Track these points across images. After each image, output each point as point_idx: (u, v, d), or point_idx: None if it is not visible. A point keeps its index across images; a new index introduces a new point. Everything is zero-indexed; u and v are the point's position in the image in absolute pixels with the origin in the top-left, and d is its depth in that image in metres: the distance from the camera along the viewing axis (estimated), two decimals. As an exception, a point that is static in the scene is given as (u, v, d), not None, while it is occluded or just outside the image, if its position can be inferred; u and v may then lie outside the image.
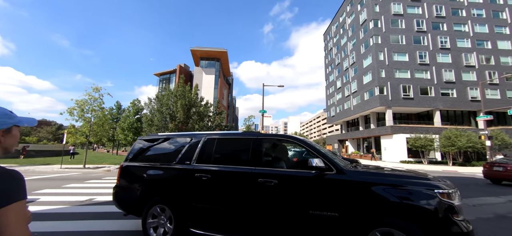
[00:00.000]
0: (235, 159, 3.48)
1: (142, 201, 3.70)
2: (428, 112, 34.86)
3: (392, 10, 35.59)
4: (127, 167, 4.10)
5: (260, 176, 3.02)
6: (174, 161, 3.70)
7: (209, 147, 3.60)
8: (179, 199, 3.45)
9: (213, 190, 3.29)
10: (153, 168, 3.85)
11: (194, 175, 3.39)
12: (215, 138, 3.66)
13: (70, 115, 15.32)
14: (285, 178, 2.98)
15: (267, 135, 3.54)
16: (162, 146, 4.15)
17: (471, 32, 35.42)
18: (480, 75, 33.49)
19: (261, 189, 2.99)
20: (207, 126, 24.34)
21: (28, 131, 57.92)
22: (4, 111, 1.04)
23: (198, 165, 3.48)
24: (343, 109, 44.74)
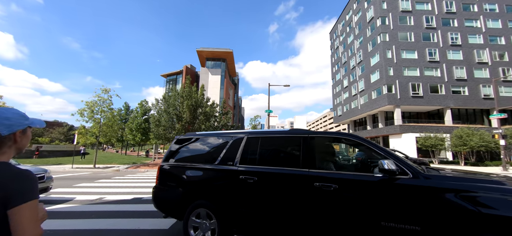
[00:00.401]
0: (283, 160, 3.20)
1: (182, 204, 3.53)
2: (438, 110, 34.00)
3: (400, 7, 34.87)
4: (165, 168, 3.96)
5: (316, 180, 2.71)
6: (215, 162, 3.49)
7: (252, 147, 3.35)
8: (223, 203, 3.22)
9: (261, 195, 3.01)
10: (193, 168, 3.67)
11: (239, 177, 3.14)
12: (258, 137, 3.41)
13: (81, 116, 15.73)
14: (348, 183, 2.62)
15: (320, 133, 3.21)
16: (201, 146, 3.96)
17: (483, 27, 34.31)
18: (493, 72, 32.41)
19: (318, 195, 2.67)
20: (213, 126, 24.49)
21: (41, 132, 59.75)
22: (20, 113, 1.10)
23: (243, 167, 3.23)
24: (350, 108, 44.16)
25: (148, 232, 4.17)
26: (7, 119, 1.02)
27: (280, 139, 3.41)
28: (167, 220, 4.74)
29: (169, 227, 4.40)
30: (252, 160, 3.24)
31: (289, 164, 3.03)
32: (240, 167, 3.23)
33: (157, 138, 23.21)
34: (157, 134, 22.18)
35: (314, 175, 2.75)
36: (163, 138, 22.48)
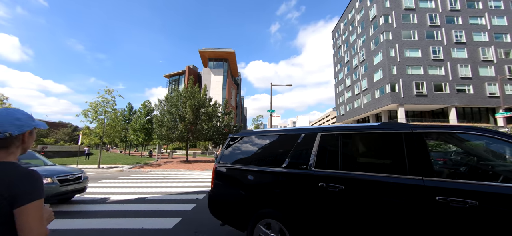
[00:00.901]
0: (378, 164, 2.49)
1: (245, 212, 3.08)
2: (443, 109, 33.66)
3: (404, 5, 34.58)
4: (222, 170, 3.57)
5: (439, 192, 1.93)
6: (283, 164, 2.93)
7: (331, 146, 2.73)
8: (296, 214, 2.66)
9: (352, 209, 2.32)
10: (256, 172, 3.17)
11: (317, 185, 2.53)
12: (337, 134, 2.73)
13: (85, 117, 15.87)
14: (495, 198, 1.77)
15: (430, 127, 2.42)
16: (261, 145, 3.45)
17: (488, 25, 33.87)
18: (498, 70, 31.98)
19: (446, 214, 1.88)
20: (216, 126, 24.55)
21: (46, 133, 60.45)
22: (28, 114, 1.13)
23: (321, 171, 2.61)
24: (353, 107, 43.94)
25: (152, 232, 4.19)
26: (18, 120, 1.06)
27: (370, 136, 2.62)
28: (171, 220, 4.76)
29: (172, 227, 4.42)
30: (333, 163, 2.61)
31: (387, 169, 2.32)
32: (317, 171, 2.63)
33: (160, 139, 23.32)
34: (160, 135, 22.29)
35: (435, 187, 1.98)
36: (166, 138, 22.58)
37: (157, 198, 6.95)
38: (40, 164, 6.71)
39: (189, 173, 13.74)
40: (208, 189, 8.42)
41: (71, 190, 5.97)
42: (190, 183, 9.87)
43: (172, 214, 5.24)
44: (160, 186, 9.06)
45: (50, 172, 5.82)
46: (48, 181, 5.49)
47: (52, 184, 5.51)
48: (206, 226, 4.50)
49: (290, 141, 3.06)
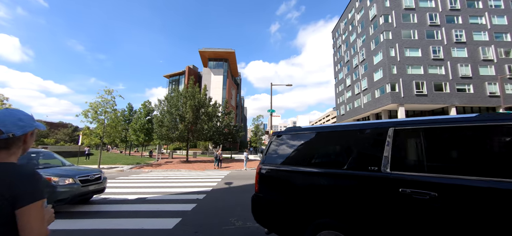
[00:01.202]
0: (483, 165, 1.84)
1: (297, 222, 2.67)
2: (443, 109, 33.63)
3: (404, 4, 34.55)
4: (266, 172, 3.16)
5: None
6: (344, 165, 2.50)
7: (409, 143, 2.28)
8: (365, 228, 2.20)
9: (446, 222, 1.83)
10: (307, 174, 2.77)
11: (398, 191, 2.05)
12: (418, 128, 2.22)
13: (85, 117, 15.88)
14: None
15: None
16: (314, 143, 2.99)
17: (488, 24, 33.84)
18: (499, 69, 31.95)
19: None
20: (216, 127, 24.55)
21: (47, 133, 60.53)
22: (29, 115, 1.14)
23: (402, 174, 2.10)
24: (353, 107, 43.92)
25: (152, 232, 4.19)
26: (20, 120, 1.06)
27: (466, 130, 1.99)
28: (171, 220, 4.77)
29: (172, 227, 4.42)
30: (415, 164, 2.16)
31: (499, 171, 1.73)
32: (395, 174, 2.14)
33: (160, 139, 23.33)
34: (160, 135, 22.30)
35: None
36: (166, 139, 22.59)
37: (157, 198, 6.95)
38: (58, 164, 6.67)
39: (189, 173, 13.75)
40: (208, 189, 8.43)
41: (91, 191, 5.95)
42: (190, 183, 9.88)
43: (172, 214, 5.25)
44: (160, 186, 9.06)
45: (71, 172, 5.78)
46: (70, 182, 5.42)
47: (74, 185, 5.46)
48: (206, 226, 4.50)
49: (352, 138, 2.66)
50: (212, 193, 7.78)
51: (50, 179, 5.13)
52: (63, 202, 5.14)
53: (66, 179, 5.37)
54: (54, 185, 5.09)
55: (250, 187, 8.95)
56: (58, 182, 5.21)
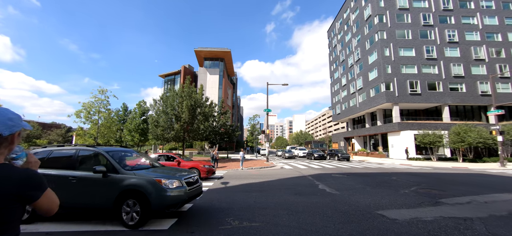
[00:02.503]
0: None
1: None
2: (436, 107, 34.16)
3: (398, 5, 34.95)
4: None
5: None
6: None
7: None
8: None
9: None
10: None
11: None
12: None
13: (78, 117, 15.64)
14: None
15: None
16: None
17: (480, 24, 34.48)
18: (490, 69, 32.60)
19: None
20: (212, 126, 24.44)
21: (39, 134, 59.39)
22: (18, 114, 1.14)
23: None
24: (349, 106, 44.27)
25: (148, 233, 4.15)
26: (10, 120, 1.06)
27: None
28: (167, 221, 4.73)
29: (168, 227, 4.39)
30: None
31: None
32: None
33: (156, 139, 23.11)
34: (155, 135, 22.09)
35: None
36: (162, 139, 22.39)
37: (152, 199, 6.87)
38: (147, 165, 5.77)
39: (185, 173, 13.63)
40: (205, 189, 8.39)
41: (194, 195, 5.28)
42: (186, 183, 9.80)
43: (168, 214, 5.20)
44: (156, 186, 8.96)
45: (176, 174, 5.13)
46: (178, 185, 4.77)
47: (182, 188, 4.81)
48: (202, 226, 4.47)
49: None
50: (209, 193, 7.75)
51: (161, 181, 4.56)
52: (172, 208, 4.57)
53: (173, 181, 4.73)
54: (164, 188, 4.51)
55: (246, 187, 8.93)
56: (168, 185, 4.58)
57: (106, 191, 4.50)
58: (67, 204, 4.56)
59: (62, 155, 5.20)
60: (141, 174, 4.67)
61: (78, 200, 4.64)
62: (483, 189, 8.54)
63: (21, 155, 1.18)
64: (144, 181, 4.47)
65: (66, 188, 4.62)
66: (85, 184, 4.64)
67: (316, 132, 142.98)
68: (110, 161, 4.76)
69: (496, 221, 4.83)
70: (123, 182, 4.47)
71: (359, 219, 4.91)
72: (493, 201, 6.59)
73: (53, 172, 4.79)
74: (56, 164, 5.00)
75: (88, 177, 4.64)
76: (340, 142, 49.88)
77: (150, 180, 4.49)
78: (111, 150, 5.18)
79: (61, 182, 4.67)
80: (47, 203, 1.15)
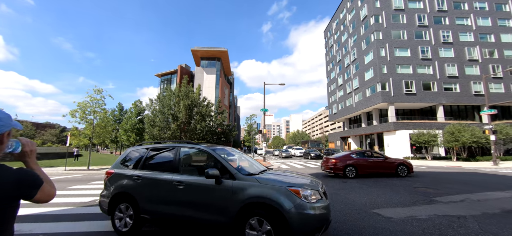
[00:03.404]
0: None
1: None
2: (431, 107, 34.60)
3: (393, 5, 35.29)
4: None
5: None
6: None
7: None
8: None
9: None
10: None
11: None
12: None
13: (72, 117, 15.44)
14: None
15: None
16: None
17: (474, 25, 35.02)
18: (483, 69, 33.14)
19: None
20: (209, 126, 24.37)
21: (33, 134, 58.51)
22: (7, 114, 1.13)
23: None
24: (345, 106, 44.57)
25: (145, 233, 4.12)
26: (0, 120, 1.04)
27: None
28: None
29: (165, 227, 4.35)
30: None
31: None
32: None
33: (152, 139, 22.96)
34: (151, 135, 21.95)
35: None
36: (158, 139, 22.25)
37: (149, 199, 6.83)
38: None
39: (182, 173, 13.57)
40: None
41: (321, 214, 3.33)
42: (183, 183, 9.75)
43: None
44: (152, 187, 8.91)
45: (299, 180, 3.60)
46: (319, 197, 3.35)
47: (322, 201, 3.32)
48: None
49: None
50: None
51: (298, 192, 3.17)
52: (317, 233, 3.10)
53: (311, 191, 3.30)
54: (304, 202, 3.12)
55: (243, 186, 8.90)
56: (309, 198, 3.19)
57: (222, 203, 3.41)
58: (170, 216, 3.72)
59: (161, 154, 4.37)
60: (266, 180, 3.44)
61: (185, 213, 3.63)
62: (476, 187, 8.69)
63: (16, 146, 1.18)
64: (274, 192, 3.20)
65: (171, 196, 3.76)
66: (194, 191, 3.65)
67: (313, 131, 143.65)
68: (222, 162, 3.73)
69: (488, 218, 4.92)
70: (245, 191, 3.30)
71: (355, 217, 4.95)
72: (486, 199, 6.71)
73: (154, 174, 4.03)
74: (156, 165, 4.24)
75: (197, 183, 3.64)
76: (337, 141, 50.20)
77: (283, 190, 3.20)
78: (217, 149, 4.19)
79: (165, 188, 3.82)
80: (43, 197, 1.17)
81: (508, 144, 24.08)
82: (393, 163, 11.61)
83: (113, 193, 4.15)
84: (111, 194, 4.17)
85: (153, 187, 3.92)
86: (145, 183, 3.99)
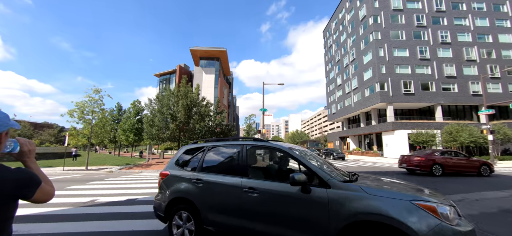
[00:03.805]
0: None
1: None
2: (429, 107, 34.74)
3: (392, 5, 35.39)
4: None
5: None
6: None
7: None
8: None
9: None
10: None
11: None
12: None
13: (71, 117, 15.37)
14: None
15: None
16: None
17: (472, 26, 35.19)
18: (481, 69, 33.31)
19: None
20: (208, 126, 24.35)
21: (31, 134, 58.22)
22: (5, 113, 1.13)
23: None
24: (344, 106, 44.66)
25: (143, 234, 4.11)
26: None
27: None
28: (162, 221, 4.68)
29: (163, 228, 4.35)
30: None
31: None
32: None
33: (151, 139, 22.93)
34: (150, 135, 21.91)
35: None
36: (157, 138, 22.21)
37: (148, 199, 6.82)
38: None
39: (181, 173, 13.54)
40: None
41: None
42: (182, 183, 9.73)
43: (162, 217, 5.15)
44: (151, 186, 8.90)
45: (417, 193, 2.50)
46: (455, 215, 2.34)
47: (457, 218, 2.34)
48: (198, 226, 4.45)
49: None
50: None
51: (434, 210, 2.21)
52: None
53: (446, 207, 2.33)
54: (445, 226, 2.12)
55: (242, 186, 8.90)
56: (450, 220, 2.21)
57: (314, 219, 2.56)
58: (241, 231, 3.01)
59: (223, 153, 3.74)
60: (376, 190, 2.48)
61: (261, 228, 2.86)
62: (474, 187, 8.74)
63: (14, 146, 1.19)
64: (395, 207, 2.24)
65: (241, 206, 3.02)
66: (272, 201, 2.83)
67: (312, 131, 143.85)
68: (308, 165, 2.84)
69: (486, 218, 4.95)
70: (347, 205, 2.41)
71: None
72: (484, 199, 6.75)
73: (219, 178, 3.34)
74: (218, 167, 3.63)
75: (276, 191, 2.82)
76: (336, 141, 50.30)
77: (407, 205, 2.24)
78: (295, 148, 3.35)
79: (233, 195, 3.12)
80: (42, 197, 1.17)
81: (505, 144, 24.23)
82: (475, 163, 12.23)
83: (169, 198, 3.63)
84: (167, 199, 3.65)
85: (219, 193, 3.26)
86: (208, 187, 3.35)
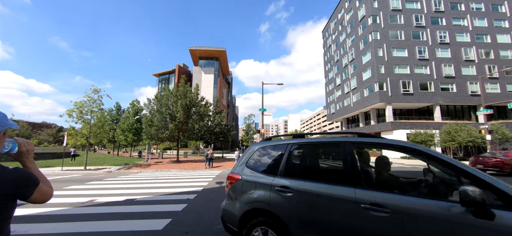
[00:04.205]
0: None
1: None
2: (428, 107, 34.84)
3: (391, 6, 35.47)
4: None
5: None
6: None
7: None
8: None
9: None
10: None
11: None
12: None
13: (69, 117, 15.33)
14: None
15: None
16: None
17: (470, 26, 35.31)
18: (479, 69, 33.43)
19: None
20: (207, 126, 24.34)
21: (29, 134, 58.00)
22: (3, 113, 1.13)
23: None
24: (343, 106, 44.72)
25: (141, 234, 4.11)
26: None
27: None
28: (161, 221, 4.69)
29: (162, 228, 4.35)
30: None
31: None
32: None
33: (150, 139, 22.88)
34: (149, 135, 21.87)
35: None
36: (156, 138, 22.18)
37: (146, 199, 6.82)
38: None
39: (180, 173, 13.58)
40: (199, 189, 8.37)
41: None
42: (181, 183, 9.76)
43: (162, 215, 5.17)
44: (150, 186, 8.90)
45: None
46: None
47: None
48: (196, 226, 4.46)
49: None
50: (203, 193, 7.72)
51: None
52: None
53: None
54: None
55: (241, 186, 8.90)
56: None
57: None
58: None
59: (316, 154, 3.00)
60: None
61: None
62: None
63: (13, 146, 1.20)
64: None
65: (356, 228, 2.12)
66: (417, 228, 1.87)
67: (311, 131, 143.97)
68: (480, 176, 1.89)
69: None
70: None
71: (352, 217, 4.97)
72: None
73: (321, 188, 2.42)
74: (312, 172, 2.83)
75: (426, 212, 1.86)
76: (335, 141, 50.28)
77: None
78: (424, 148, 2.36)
79: (342, 212, 2.22)
80: (40, 197, 1.18)
81: (504, 144, 24.33)
82: None
83: (245, 209, 2.82)
84: (241, 209, 2.85)
85: (317, 206, 2.37)
86: (300, 199, 2.49)
